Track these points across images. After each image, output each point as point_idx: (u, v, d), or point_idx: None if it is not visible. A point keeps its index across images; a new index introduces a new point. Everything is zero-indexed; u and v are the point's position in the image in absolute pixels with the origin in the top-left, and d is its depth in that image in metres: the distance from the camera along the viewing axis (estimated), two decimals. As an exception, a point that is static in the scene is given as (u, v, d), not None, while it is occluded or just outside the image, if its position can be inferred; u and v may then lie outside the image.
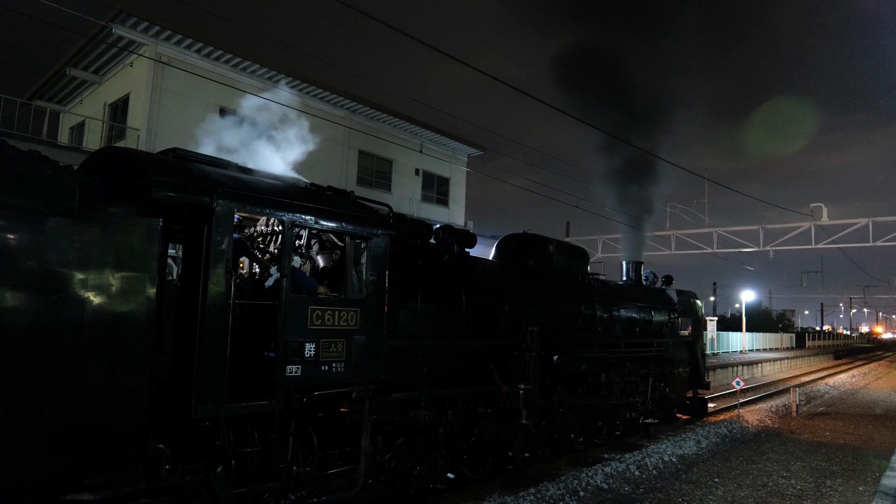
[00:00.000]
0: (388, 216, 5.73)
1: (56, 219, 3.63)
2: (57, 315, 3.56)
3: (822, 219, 24.69)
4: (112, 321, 3.81)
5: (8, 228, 3.43)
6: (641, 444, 9.97)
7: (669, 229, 28.15)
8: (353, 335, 5.11)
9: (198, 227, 4.42)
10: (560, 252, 8.80)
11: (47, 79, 19.62)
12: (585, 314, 8.67)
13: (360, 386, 5.21)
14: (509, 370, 7.27)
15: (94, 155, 4.94)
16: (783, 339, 52.91)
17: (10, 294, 3.39)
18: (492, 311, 7.04)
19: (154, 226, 4.06)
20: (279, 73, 19.14)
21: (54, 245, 3.60)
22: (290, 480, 4.91)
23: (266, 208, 4.71)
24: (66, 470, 3.62)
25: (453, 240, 6.93)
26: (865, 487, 7.85)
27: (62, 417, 3.57)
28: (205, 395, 4.25)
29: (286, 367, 4.68)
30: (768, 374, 28.85)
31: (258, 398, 4.61)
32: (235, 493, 4.55)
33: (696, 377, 12.44)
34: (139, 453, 4.01)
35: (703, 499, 7.13)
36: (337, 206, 5.27)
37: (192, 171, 4.50)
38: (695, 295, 12.83)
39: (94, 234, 3.78)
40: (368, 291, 5.29)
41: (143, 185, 4.21)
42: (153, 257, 4.05)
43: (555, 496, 6.79)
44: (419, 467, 6.26)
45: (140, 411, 3.96)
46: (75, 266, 3.67)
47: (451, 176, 26.69)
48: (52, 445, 3.52)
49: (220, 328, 4.34)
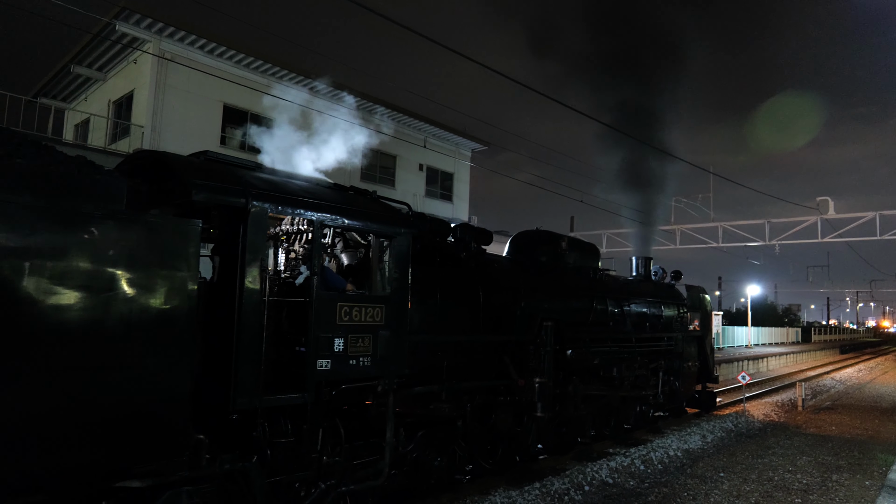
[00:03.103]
0: (410, 215, 6.00)
1: (106, 221, 3.89)
2: (109, 312, 3.82)
3: (829, 212, 24.93)
4: (158, 318, 4.07)
5: (64, 231, 3.68)
6: (647, 439, 10.10)
7: (674, 224, 28.42)
8: (379, 330, 5.39)
9: (233, 228, 4.69)
10: (572, 248, 9.09)
11: (52, 76, 19.83)
12: (597, 309, 8.96)
13: (385, 379, 5.49)
14: (524, 364, 7.56)
15: (130, 158, 5.19)
16: (789, 333, 53.27)
17: (69, 293, 3.64)
18: (508, 306, 7.33)
19: (194, 227, 4.32)
20: (282, 69, 19.37)
21: (105, 246, 3.85)
22: (321, 470, 5.19)
23: (297, 209, 4.97)
24: (119, 458, 3.89)
25: (470, 237, 7.21)
26: (872, 482, 7.92)
27: (116, 408, 3.84)
28: (242, 388, 4.53)
29: (317, 361, 4.95)
30: (774, 369, 29.15)
31: (290, 391, 4.88)
32: (269, 481, 4.84)
33: (705, 371, 12.77)
34: (183, 443, 4.27)
35: (708, 493, 7.18)
36: (362, 206, 5.54)
37: (227, 174, 4.76)
38: (703, 290, 13.14)
39: (140, 235, 4.04)
40: (392, 288, 5.56)
41: (182, 188, 4.47)
42: (194, 257, 4.31)
43: (560, 490, 6.86)
44: (439, 458, 6.55)
45: (184, 403, 4.23)
46: (124, 266, 3.92)
47: (455, 171, 26.92)
48: (107, 434, 3.79)
49: (257, 324, 4.61)
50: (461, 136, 26.24)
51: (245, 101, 18.16)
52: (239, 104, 18.57)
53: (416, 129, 24.47)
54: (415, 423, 6.35)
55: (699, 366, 12.41)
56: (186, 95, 17.61)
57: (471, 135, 26.58)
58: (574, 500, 6.73)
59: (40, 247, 3.53)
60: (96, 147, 16.68)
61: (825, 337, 66.40)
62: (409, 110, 23.60)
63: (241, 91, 16.14)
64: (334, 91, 20.78)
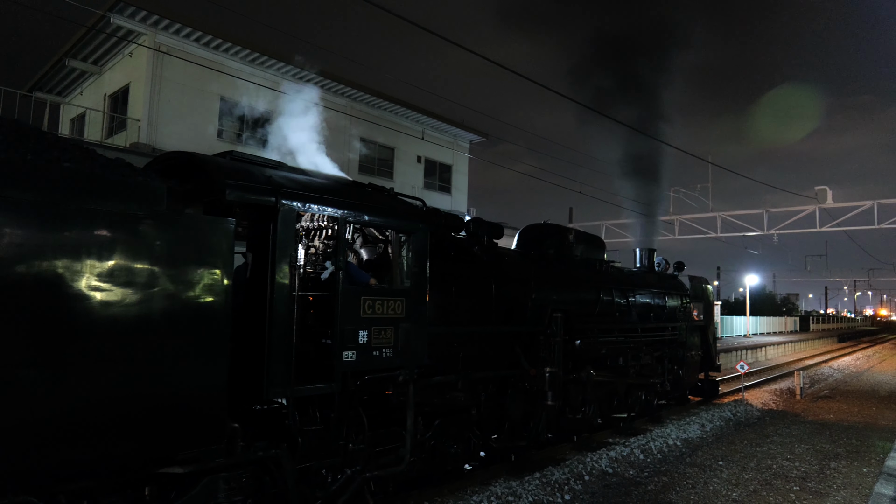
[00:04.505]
0: (426, 210, 6.29)
1: (149, 221, 4.15)
2: (155, 308, 4.09)
3: (827, 202, 25.32)
4: (197, 313, 4.34)
5: (112, 231, 3.94)
6: (646, 429, 10.26)
7: (673, 214, 28.80)
8: (400, 323, 5.69)
9: (263, 226, 4.96)
10: (579, 241, 9.44)
11: (47, 70, 19.88)
12: (604, 300, 9.31)
13: (406, 369, 5.80)
14: (535, 354, 7.90)
15: (160, 158, 5.44)
16: (787, 322, 54.04)
17: (118, 290, 3.90)
18: (519, 298, 7.66)
19: (229, 225, 4.59)
20: (279, 61, 19.48)
21: (148, 245, 4.10)
22: (346, 457, 5.51)
23: (324, 206, 5.25)
24: (165, 445, 4.18)
25: (483, 232, 7.52)
26: (869, 469, 8.05)
27: (161, 399, 4.12)
28: (275, 379, 4.82)
29: (343, 353, 5.25)
30: (772, 358, 29.68)
31: (318, 382, 5.18)
32: (299, 467, 5.15)
33: (708, 360, 13.22)
34: (220, 431, 4.57)
35: (707, 482, 7.30)
36: (382, 203, 5.83)
37: (257, 174, 5.02)
38: (706, 280, 13.57)
39: (179, 234, 4.30)
40: (412, 282, 5.86)
41: (212, 187, 4.74)
42: (228, 254, 4.59)
43: (560, 480, 6.98)
44: (455, 446, 6.88)
45: (221, 394, 4.51)
46: (167, 264, 4.18)
47: (454, 163, 27.17)
48: (155, 423, 4.07)
49: (287, 318, 4.89)
50: (459, 128, 26.47)
51: (242, 94, 18.30)
52: (236, 97, 18.72)
53: (415, 120, 24.67)
54: (431, 411, 6.67)
55: (702, 355, 12.85)
56: (183, 88, 17.73)
57: (469, 126, 26.82)
58: (574, 489, 6.86)
59: (91, 246, 3.78)
60: (93, 141, 16.81)
61: (823, 326, 67.36)
62: (407, 102, 23.80)
63: (238, 84, 16.29)
64: (328, 83, 20.98)
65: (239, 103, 18.79)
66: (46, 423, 3.49)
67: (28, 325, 3.46)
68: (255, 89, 16.65)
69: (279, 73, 19.67)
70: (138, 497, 4.33)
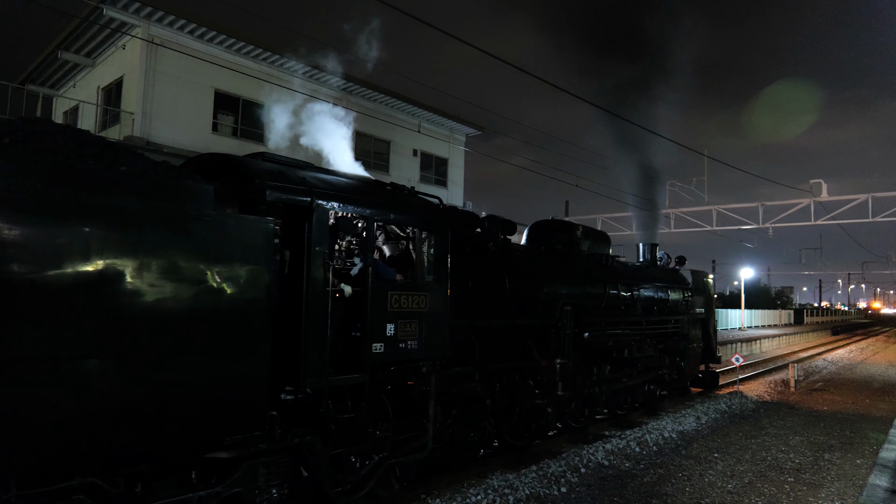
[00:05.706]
0: (446, 208, 6.69)
1: (199, 221, 4.51)
2: (206, 303, 4.46)
3: (822, 195, 26.01)
4: (243, 307, 4.71)
5: (166, 230, 4.30)
6: (642, 421, 10.50)
7: (669, 207, 29.39)
8: (424, 316, 6.11)
9: (299, 224, 5.34)
10: (586, 236, 9.93)
11: (39, 62, 19.92)
12: (610, 294, 9.81)
13: (429, 361, 6.23)
14: (546, 346, 8.36)
15: (196, 159, 5.79)
16: (781, 315, 55.12)
17: (172, 285, 4.26)
18: (531, 293, 8.11)
19: (269, 225, 4.96)
20: (274, 53, 19.67)
21: (200, 244, 4.47)
22: (374, 443, 5.93)
23: (354, 206, 5.64)
24: (213, 430, 4.56)
25: (497, 228, 7.95)
26: (863, 460, 8.23)
27: (212, 387, 4.50)
28: (311, 370, 5.21)
29: (372, 345, 5.67)
30: (767, 351, 30.34)
31: (349, 372, 5.59)
32: (332, 453, 5.56)
33: (709, 352, 13.83)
34: (261, 419, 4.96)
35: (702, 474, 7.44)
36: (406, 201, 6.23)
37: (291, 175, 5.40)
38: (707, 274, 14.16)
39: (225, 233, 4.67)
40: (434, 277, 6.27)
41: (249, 188, 5.11)
42: (268, 251, 4.96)
43: (556, 473, 7.12)
44: (472, 434, 7.33)
45: (262, 383, 4.90)
46: (215, 262, 4.54)
47: (450, 156, 27.53)
48: (206, 410, 4.45)
49: (322, 312, 5.28)
50: (456, 121, 26.81)
51: (237, 87, 18.52)
52: (230, 90, 18.93)
53: (411, 114, 24.98)
54: (450, 401, 7.10)
55: (703, 346, 13.45)
56: (177, 81, 17.89)
57: (465, 119, 27.16)
58: (570, 481, 7.01)
59: (148, 245, 4.14)
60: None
61: (817, 319, 68.73)
62: (403, 95, 24.07)
63: (232, 77, 16.47)
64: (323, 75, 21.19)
65: (233, 96, 19.01)
66: (117, 411, 3.86)
67: (96, 320, 3.81)
68: (250, 82, 16.91)
69: (273, 65, 19.88)
70: (184, 481, 4.71)
